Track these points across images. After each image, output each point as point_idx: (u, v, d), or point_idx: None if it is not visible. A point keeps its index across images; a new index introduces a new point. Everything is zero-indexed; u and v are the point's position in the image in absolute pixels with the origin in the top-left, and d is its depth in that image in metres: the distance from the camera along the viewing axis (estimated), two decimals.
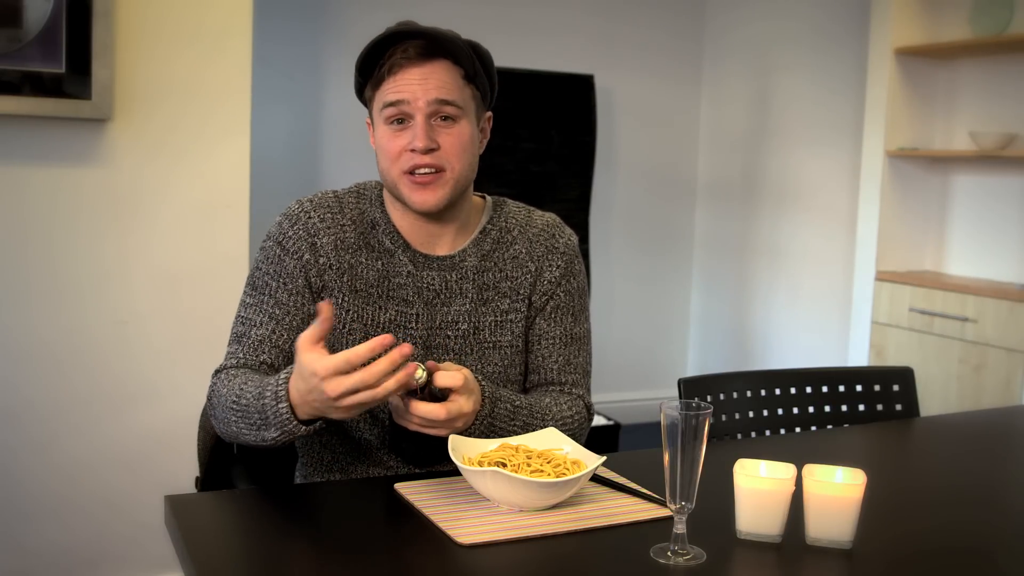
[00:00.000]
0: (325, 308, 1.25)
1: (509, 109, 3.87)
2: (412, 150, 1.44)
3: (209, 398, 1.49)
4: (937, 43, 3.49)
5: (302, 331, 1.47)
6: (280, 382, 1.31)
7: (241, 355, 1.48)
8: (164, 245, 2.57)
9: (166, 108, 2.53)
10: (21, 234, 2.44)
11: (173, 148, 2.55)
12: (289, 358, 1.49)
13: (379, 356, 1.23)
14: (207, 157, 2.58)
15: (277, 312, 1.49)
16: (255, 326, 1.49)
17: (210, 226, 2.61)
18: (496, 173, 3.96)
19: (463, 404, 1.32)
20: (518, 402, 1.47)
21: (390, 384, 1.22)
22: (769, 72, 4.42)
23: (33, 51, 2.32)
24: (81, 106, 2.38)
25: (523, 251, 1.59)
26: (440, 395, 1.33)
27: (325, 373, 1.22)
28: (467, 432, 1.37)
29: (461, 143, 1.47)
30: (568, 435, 1.46)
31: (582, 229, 4.20)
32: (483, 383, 1.41)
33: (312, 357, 1.23)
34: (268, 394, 1.32)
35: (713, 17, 4.73)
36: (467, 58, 1.46)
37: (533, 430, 1.47)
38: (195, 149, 2.57)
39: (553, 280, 1.59)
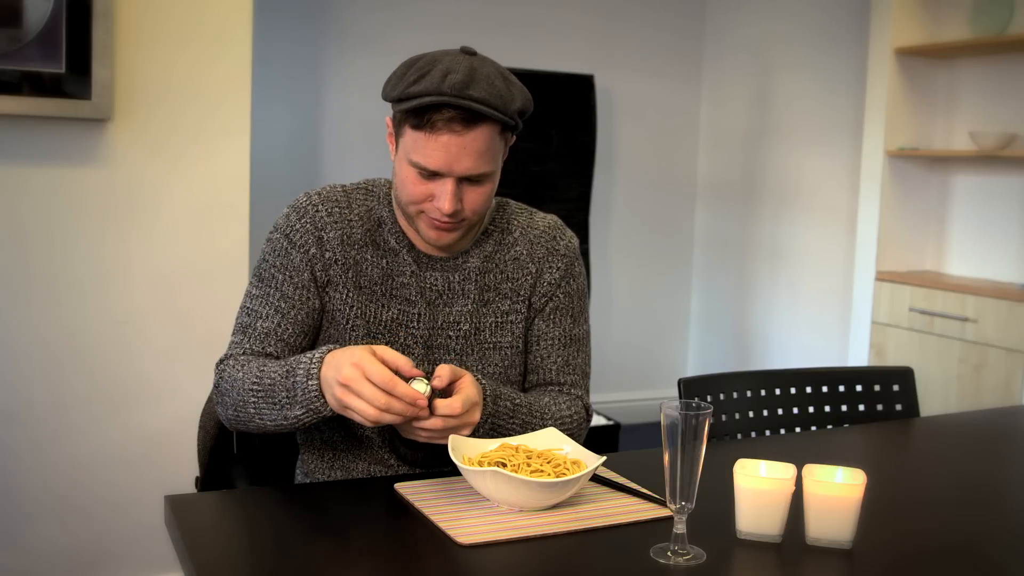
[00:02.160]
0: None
1: None
2: (437, 206, 1.43)
3: (217, 385, 1.49)
4: (937, 43, 3.49)
5: (307, 325, 1.50)
6: (314, 362, 1.34)
7: (247, 345, 1.50)
8: (164, 245, 2.57)
9: (166, 108, 2.53)
10: (21, 234, 2.44)
11: (173, 148, 2.55)
12: (293, 352, 1.50)
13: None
14: (207, 157, 2.58)
15: (283, 306, 1.50)
16: (261, 318, 1.50)
17: (210, 226, 2.61)
18: None
19: (456, 404, 1.32)
20: (518, 400, 1.48)
21: (387, 417, 1.26)
22: (769, 72, 4.42)
23: (33, 51, 2.32)
24: (81, 106, 2.38)
25: (524, 252, 1.59)
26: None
27: (379, 352, 1.28)
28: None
29: (485, 197, 1.46)
30: (566, 435, 1.46)
31: (582, 229, 4.20)
32: (483, 381, 1.42)
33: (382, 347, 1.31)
34: (300, 371, 1.35)
35: (713, 17, 4.72)
36: (511, 115, 1.42)
37: (532, 429, 1.47)
38: (195, 149, 2.57)
39: (553, 282, 1.59)
